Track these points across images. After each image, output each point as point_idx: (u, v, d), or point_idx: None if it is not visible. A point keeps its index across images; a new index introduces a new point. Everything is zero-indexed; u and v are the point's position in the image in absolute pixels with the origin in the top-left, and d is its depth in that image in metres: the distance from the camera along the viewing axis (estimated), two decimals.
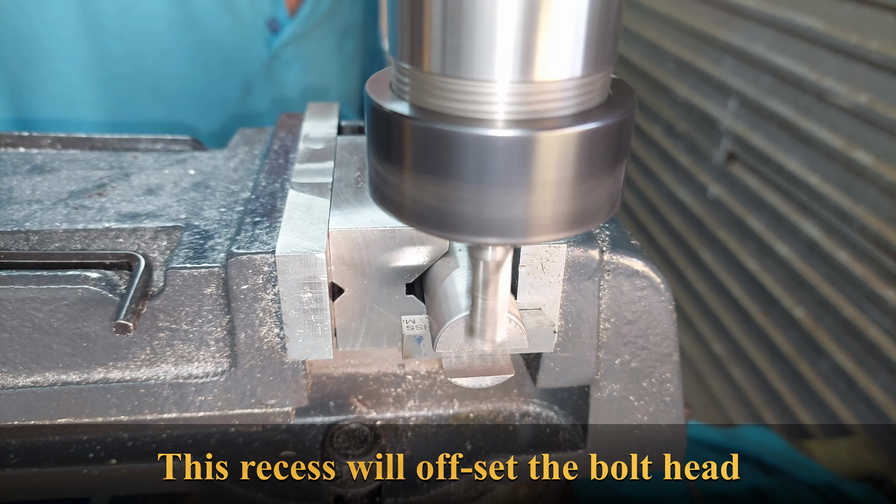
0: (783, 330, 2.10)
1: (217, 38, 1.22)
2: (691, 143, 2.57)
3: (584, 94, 0.37)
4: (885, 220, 1.73)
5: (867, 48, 1.75)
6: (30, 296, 0.48)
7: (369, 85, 0.41)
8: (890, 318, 1.72)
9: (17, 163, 0.62)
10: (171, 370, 0.52)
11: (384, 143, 0.39)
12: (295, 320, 0.49)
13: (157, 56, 1.18)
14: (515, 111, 0.35)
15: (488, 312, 0.43)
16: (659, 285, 0.52)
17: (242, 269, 0.48)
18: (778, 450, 1.45)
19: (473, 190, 0.36)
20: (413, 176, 0.38)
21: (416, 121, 0.36)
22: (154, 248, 0.53)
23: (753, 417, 2.22)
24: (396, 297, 0.51)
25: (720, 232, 2.39)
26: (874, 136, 1.76)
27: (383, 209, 0.42)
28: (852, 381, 1.83)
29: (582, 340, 0.52)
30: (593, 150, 0.36)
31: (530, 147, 0.35)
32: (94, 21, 1.10)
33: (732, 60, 2.29)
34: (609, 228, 0.53)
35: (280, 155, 0.62)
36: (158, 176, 0.61)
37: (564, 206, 0.37)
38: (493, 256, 0.40)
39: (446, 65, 0.35)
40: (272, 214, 0.52)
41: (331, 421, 0.60)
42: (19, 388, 0.51)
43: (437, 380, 0.61)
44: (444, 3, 0.34)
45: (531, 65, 0.34)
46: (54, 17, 1.08)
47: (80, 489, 0.56)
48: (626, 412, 0.56)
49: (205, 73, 1.23)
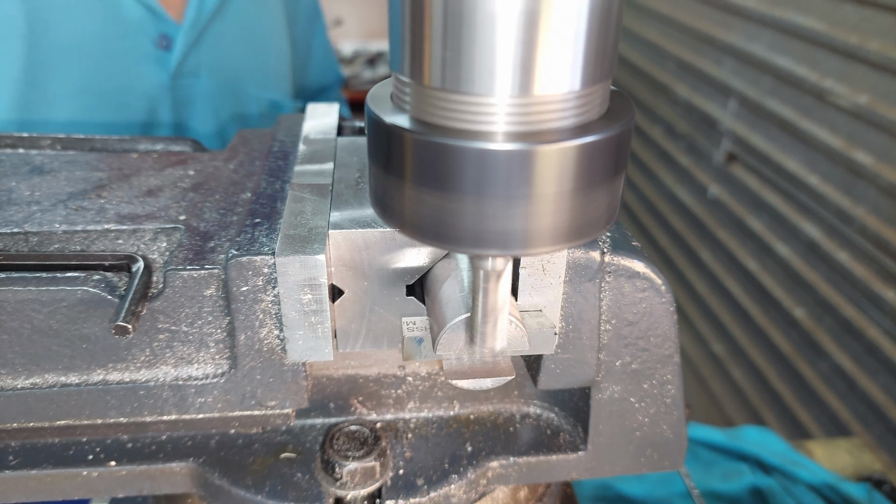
0: (783, 330, 2.10)
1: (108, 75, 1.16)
2: (692, 143, 2.57)
3: (583, 107, 0.37)
4: (885, 221, 1.73)
5: (867, 49, 1.75)
6: (29, 297, 0.48)
7: (370, 97, 0.42)
8: (890, 319, 1.71)
9: (17, 164, 0.62)
10: (170, 372, 0.52)
11: (385, 155, 0.39)
12: (295, 322, 0.49)
13: (52, 98, 1.12)
14: (515, 125, 0.36)
15: (488, 321, 0.43)
16: (660, 287, 0.51)
17: (242, 271, 0.48)
18: (778, 450, 1.45)
19: (473, 202, 0.37)
20: (413, 188, 0.38)
21: (417, 134, 0.37)
22: (154, 250, 0.53)
23: (753, 417, 2.22)
24: (397, 298, 0.51)
25: (720, 232, 2.39)
26: (874, 137, 1.76)
27: (384, 220, 0.42)
28: (852, 381, 1.83)
29: (583, 342, 0.52)
30: (592, 162, 0.37)
31: (530, 160, 0.35)
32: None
33: (733, 61, 2.29)
34: (610, 230, 0.53)
35: (280, 156, 0.62)
36: (158, 177, 0.61)
37: (564, 217, 0.38)
38: (493, 266, 0.40)
39: (446, 80, 0.36)
40: (272, 216, 0.52)
41: (331, 422, 0.60)
42: (18, 390, 0.51)
43: (438, 381, 0.61)
44: (444, 20, 0.34)
45: (530, 80, 0.35)
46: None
47: (80, 491, 0.56)
48: (627, 414, 0.56)
49: (103, 114, 1.16)
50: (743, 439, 1.45)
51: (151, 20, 1.18)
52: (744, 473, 1.35)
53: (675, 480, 1.37)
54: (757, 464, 1.39)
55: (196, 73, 1.26)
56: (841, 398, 1.89)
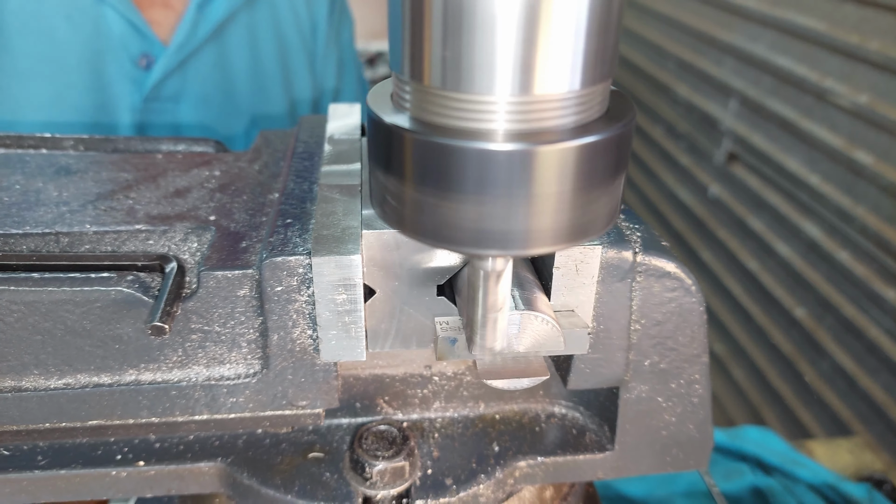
0: (784, 330, 2.11)
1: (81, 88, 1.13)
2: (692, 143, 2.57)
3: (584, 107, 0.38)
4: (885, 220, 1.74)
5: (868, 48, 1.76)
6: (63, 298, 0.48)
7: (371, 97, 0.42)
8: (890, 318, 1.72)
9: (42, 165, 0.62)
10: (202, 372, 0.52)
11: (385, 155, 0.39)
12: (329, 322, 0.49)
13: (19, 105, 1.10)
14: (515, 125, 0.36)
15: (488, 321, 0.43)
16: (690, 287, 0.52)
17: (277, 272, 0.48)
18: (778, 450, 1.45)
19: (473, 202, 0.37)
20: (413, 188, 0.38)
21: (417, 134, 0.37)
22: (184, 250, 0.53)
23: (754, 417, 2.23)
24: (427, 298, 0.51)
25: (721, 232, 2.40)
26: (875, 136, 1.77)
27: (384, 220, 0.43)
28: (853, 380, 1.84)
29: (613, 342, 0.53)
30: (593, 162, 0.37)
31: (530, 160, 0.35)
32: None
33: (733, 61, 2.30)
34: (639, 230, 0.53)
35: (305, 157, 0.62)
36: (185, 178, 0.61)
37: (564, 217, 0.38)
38: (493, 266, 0.41)
39: (447, 80, 0.36)
40: (303, 216, 0.52)
41: (357, 422, 0.60)
42: (51, 391, 0.51)
43: (464, 381, 0.61)
44: (444, 19, 0.34)
45: (531, 80, 0.35)
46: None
47: (108, 491, 0.56)
48: (654, 413, 0.56)
49: (68, 128, 1.12)
50: (743, 439, 1.46)
51: (135, 37, 1.14)
52: (744, 473, 1.35)
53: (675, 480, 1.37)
54: (757, 464, 1.39)
55: (176, 99, 1.20)
56: (842, 398, 1.90)
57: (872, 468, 1.55)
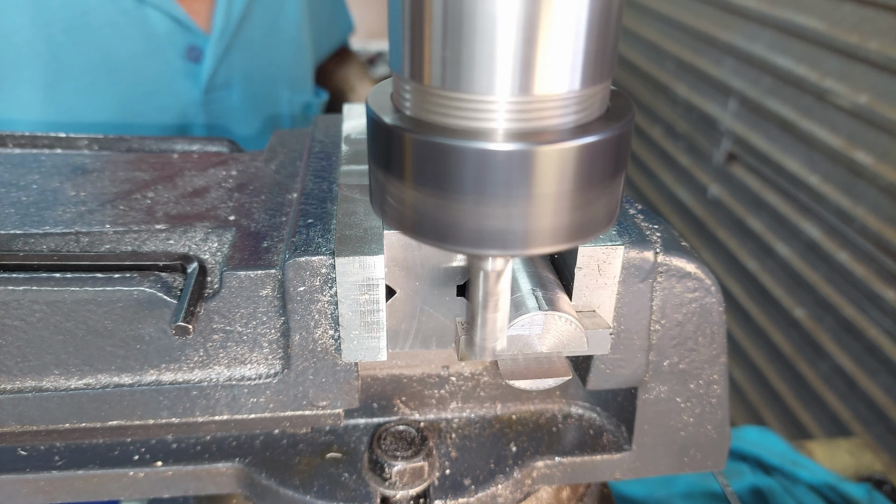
0: (783, 330, 2.11)
1: (139, 93, 1.13)
2: (691, 143, 2.58)
3: (584, 107, 0.38)
4: (885, 221, 1.74)
5: (867, 48, 1.77)
6: (85, 297, 0.48)
7: (370, 97, 0.42)
8: (890, 319, 1.73)
9: (58, 164, 0.62)
10: (223, 372, 0.52)
11: (385, 154, 0.39)
12: (351, 322, 0.49)
13: (83, 108, 1.09)
14: (515, 124, 0.36)
15: (488, 321, 0.43)
16: (710, 287, 0.52)
17: (300, 272, 0.48)
18: (778, 450, 1.46)
19: (473, 202, 0.37)
20: (413, 188, 0.38)
21: (417, 134, 0.37)
22: (205, 250, 0.53)
23: (753, 417, 2.23)
24: (447, 298, 0.51)
25: (720, 232, 2.40)
26: (874, 137, 1.77)
27: (384, 220, 0.42)
28: (853, 381, 1.84)
29: (633, 342, 0.53)
30: (592, 162, 0.37)
31: (530, 160, 0.35)
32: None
33: (733, 61, 2.31)
34: (658, 229, 0.53)
35: (322, 157, 0.62)
36: (202, 177, 0.61)
37: (564, 217, 0.38)
38: (493, 266, 0.41)
39: (446, 80, 0.36)
40: (323, 217, 0.52)
41: (374, 422, 0.60)
42: (72, 391, 0.50)
43: (481, 381, 0.61)
44: (444, 20, 0.34)
45: (530, 79, 0.35)
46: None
47: (126, 491, 0.56)
48: (673, 414, 0.57)
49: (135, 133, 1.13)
50: (743, 439, 1.47)
51: (180, 32, 1.14)
52: (744, 473, 1.36)
53: (675, 480, 1.38)
54: (757, 464, 1.40)
55: (228, 84, 1.22)
56: (841, 398, 1.90)
57: (872, 469, 1.55)
